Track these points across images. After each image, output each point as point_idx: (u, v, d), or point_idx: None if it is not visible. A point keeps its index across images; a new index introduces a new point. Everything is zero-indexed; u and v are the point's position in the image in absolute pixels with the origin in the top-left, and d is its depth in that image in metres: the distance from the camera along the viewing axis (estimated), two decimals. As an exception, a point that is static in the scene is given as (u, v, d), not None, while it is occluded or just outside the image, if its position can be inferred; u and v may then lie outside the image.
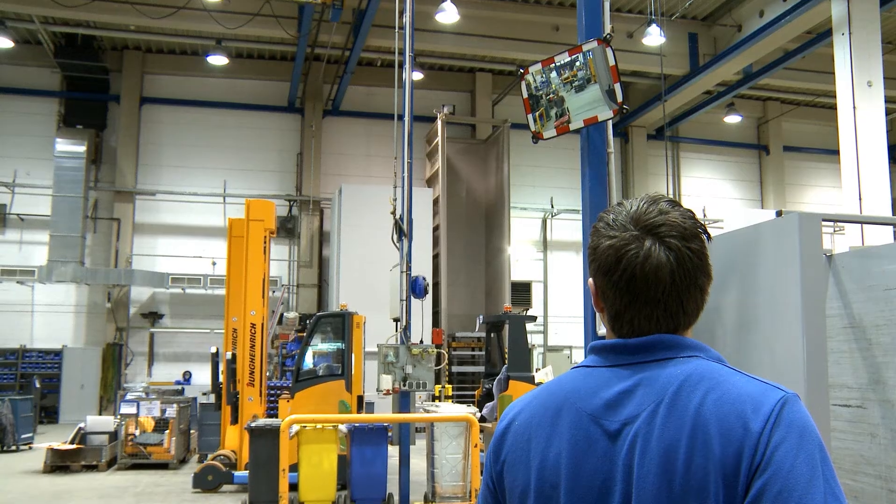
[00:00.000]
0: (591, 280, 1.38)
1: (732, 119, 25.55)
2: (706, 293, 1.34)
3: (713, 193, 26.13)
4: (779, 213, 3.70)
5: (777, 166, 26.77)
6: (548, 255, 25.08)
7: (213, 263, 22.18)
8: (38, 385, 18.64)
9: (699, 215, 1.56)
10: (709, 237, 1.36)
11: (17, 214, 21.94)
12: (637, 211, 1.33)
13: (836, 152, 13.21)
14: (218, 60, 22.00)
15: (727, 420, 1.18)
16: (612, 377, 1.30)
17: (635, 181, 25.18)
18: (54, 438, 14.45)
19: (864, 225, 10.78)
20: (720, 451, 1.16)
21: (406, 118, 10.75)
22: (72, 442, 12.90)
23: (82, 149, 21.64)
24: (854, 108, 12.40)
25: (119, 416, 13.29)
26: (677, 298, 1.30)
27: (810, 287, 3.16)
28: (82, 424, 13.35)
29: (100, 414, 19.10)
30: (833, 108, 13.59)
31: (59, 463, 12.55)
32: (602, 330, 5.56)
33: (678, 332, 1.32)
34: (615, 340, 1.34)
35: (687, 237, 1.31)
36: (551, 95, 6.00)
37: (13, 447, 14.69)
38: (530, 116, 6.12)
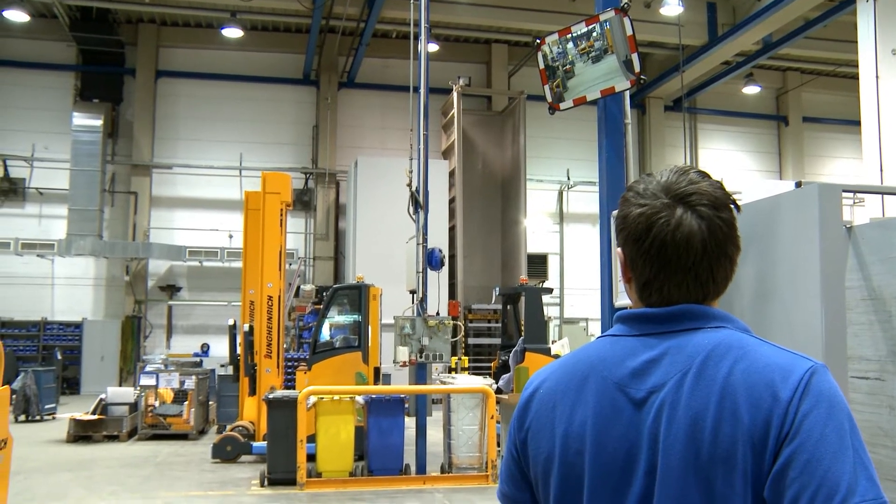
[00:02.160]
0: (619, 250, 1.37)
1: (751, 90, 25.22)
2: (735, 264, 1.34)
3: (731, 165, 25.88)
4: (798, 184, 3.66)
5: (796, 137, 26.47)
6: (564, 227, 25.01)
7: (230, 236, 22.29)
8: (59, 357, 18.90)
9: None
10: (738, 209, 1.35)
11: (36, 188, 22.11)
12: (668, 181, 1.32)
13: (857, 123, 13.02)
14: (233, 33, 21.93)
15: (756, 389, 1.17)
16: (639, 346, 1.30)
17: (652, 153, 25.00)
18: (76, 409, 14.67)
19: (884, 196, 10.65)
20: (749, 419, 1.15)
21: (421, 90, 10.70)
22: (93, 413, 13.10)
23: (99, 122, 21.72)
24: (877, 77, 12.19)
25: (139, 388, 13.46)
26: (708, 267, 1.29)
27: (830, 259, 3.14)
28: (103, 395, 13.54)
29: (120, 385, 19.35)
30: (854, 77, 13.38)
31: (82, 433, 12.76)
32: (619, 301, 5.55)
33: (706, 302, 1.32)
34: (642, 310, 1.33)
35: (717, 206, 1.30)
36: (567, 67, 5.95)
37: (37, 417, 14.95)
38: (547, 87, 6.08)
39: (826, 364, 1.23)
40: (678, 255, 1.28)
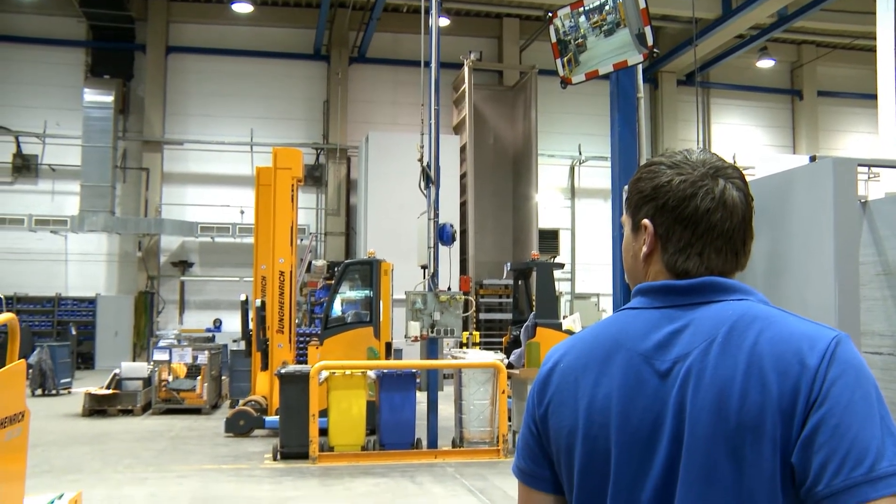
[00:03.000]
0: (646, 221, 1.36)
1: (765, 63, 24.94)
2: (753, 241, 1.38)
3: (744, 140, 25.67)
4: (812, 159, 3.63)
5: (811, 112, 26.20)
6: (575, 202, 24.93)
7: (242, 212, 22.34)
8: (74, 332, 19.07)
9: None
10: None
11: (49, 165, 22.19)
12: (701, 157, 1.37)
13: (874, 97, 12.86)
14: (243, 8, 21.82)
15: (783, 357, 1.18)
16: (662, 318, 1.30)
17: (664, 127, 24.81)
18: (91, 384, 14.82)
19: (900, 171, 10.53)
20: (777, 387, 1.16)
21: (433, 65, 10.64)
22: (108, 387, 13.22)
23: (110, 99, 21.73)
24: (895, 49, 12.02)
25: (152, 363, 13.57)
26: (742, 238, 1.34)
27: (844, 233, 3.12)
28: (117, 370, 13.67)
29: (133, 360, 19.52)
30: (871, 50, 13.20)
31: (97, 407, 12.89)
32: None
33: (736, 272, 1.35)
34: (665, 282, 1.33)
35: (745, 183, 1.37)
36: (579, 40, 5.89)
37: (53, 391, 15.12)
38: (559, 61, 6.03)
39: (841, 338, 1.24)
40: (722, 221, 1.31)
